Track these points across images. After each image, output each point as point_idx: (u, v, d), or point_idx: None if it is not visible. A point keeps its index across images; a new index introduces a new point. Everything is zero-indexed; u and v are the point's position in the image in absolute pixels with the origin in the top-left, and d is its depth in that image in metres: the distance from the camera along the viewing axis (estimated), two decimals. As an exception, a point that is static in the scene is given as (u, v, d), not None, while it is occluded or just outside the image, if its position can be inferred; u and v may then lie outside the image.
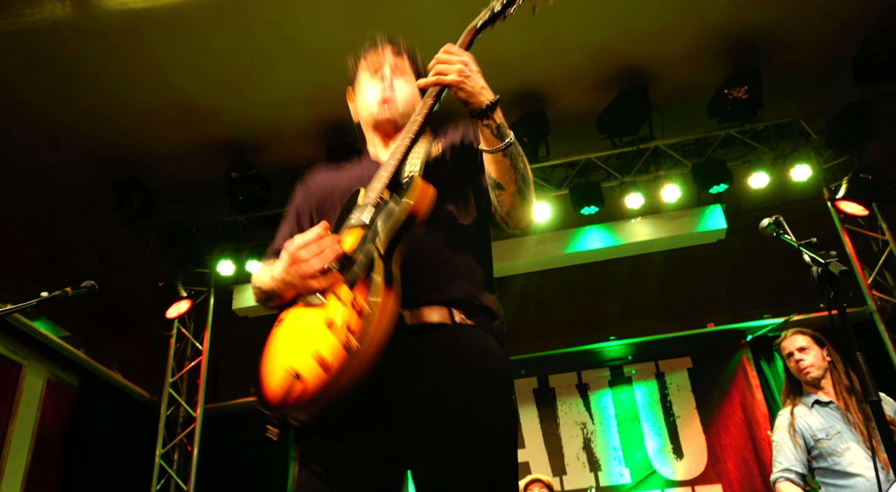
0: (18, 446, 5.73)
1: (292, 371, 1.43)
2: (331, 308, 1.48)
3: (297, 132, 6.14)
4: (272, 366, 1.51)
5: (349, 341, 1.39)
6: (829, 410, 3.29)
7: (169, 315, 6.44)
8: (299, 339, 1.51)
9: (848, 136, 5.80)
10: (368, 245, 1.54)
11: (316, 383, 1.40)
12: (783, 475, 3.27)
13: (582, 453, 6.47)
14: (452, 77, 1.66)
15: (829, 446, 3.19)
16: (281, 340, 1.56)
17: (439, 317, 1.63)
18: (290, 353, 1.50)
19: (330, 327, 1.44)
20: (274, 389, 1.46)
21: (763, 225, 2.43)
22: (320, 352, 1.41)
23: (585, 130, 6.17)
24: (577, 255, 6.50)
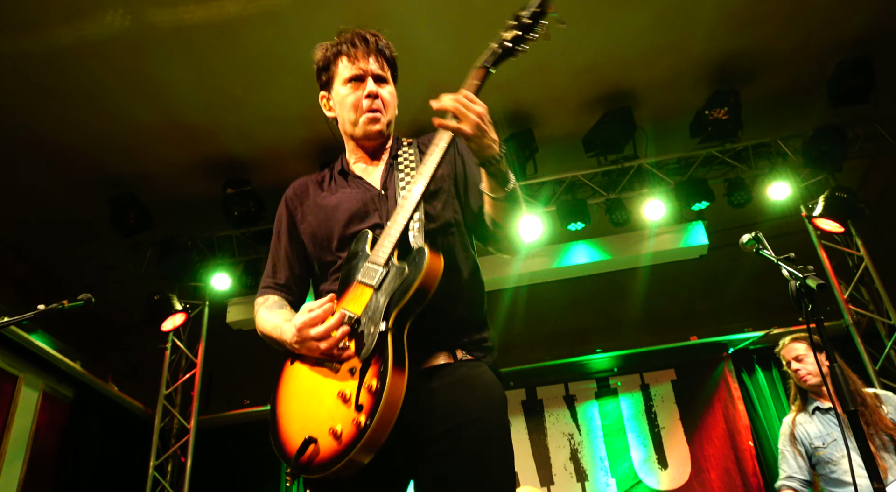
0: (13, 458, 5.77)
1: (309, 435, 1.56)
2: (343, 378, 1.58)
3: (292, 150, 6.27)
4: (288, 415, 1.65)
5: (359, 419, 1.49)
6: (829, 416, 3.32)
7: (164, 328, 6.52)
8: (314, 401, 1.61)
9: (824, 156, 6.01)
10: (378, 317, 1.58)
11: (328, 453, 1.52)
12: (785, 484, 3.33)
13: (569, 463, 6.59)
14: (469, 129, 1.66)
15: (825, 453, 3.25)
16: (295, 392, 1.67)
17: (444, 359, 1.72)
18: (306, 412, 1.62)
19: (343, 401, 1.55)
20: (291, 446, 1.59)
21: (743, 241, 2.52)
22: (334, 424, 1.53)
23: (572, 148, 6.35)
24: (564, 269, 6.65)
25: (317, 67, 2.03)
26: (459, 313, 1.77)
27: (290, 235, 1.97)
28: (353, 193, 1.89)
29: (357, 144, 1.98)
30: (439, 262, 1.63)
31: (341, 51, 1.96)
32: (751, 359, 6.64)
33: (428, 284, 1.61)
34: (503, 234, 1.83)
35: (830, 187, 6.05)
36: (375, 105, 1.92)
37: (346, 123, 1.95)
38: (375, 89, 1.92)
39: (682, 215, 6.47)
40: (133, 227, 6.31)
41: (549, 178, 6.51)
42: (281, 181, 6.46)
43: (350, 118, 1.92)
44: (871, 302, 6.10)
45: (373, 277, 1.65)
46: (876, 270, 6.02)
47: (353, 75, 1.93)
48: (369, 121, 1.90)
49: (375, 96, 1.92)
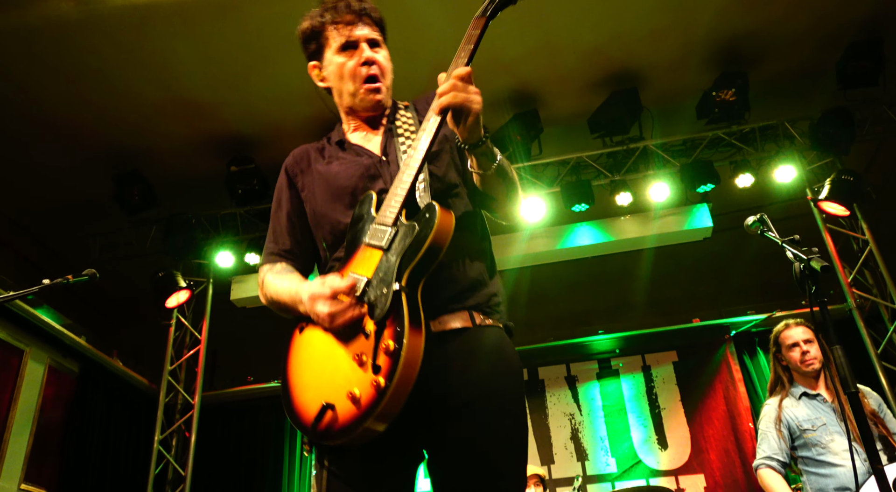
0: (20, 431, 5.85)
1: (325, 401, 1.52)
2: (359, 342, 1.53)
3: (296, 127, 6.26)
4: (302, 386, 1.60)
5: (378, 381, 1.44)
6: (817, 402, 3.36)
7: (168, 305, 6.56)
8: (329, 367, 1.56)
9: (831, 138, 5.97)
10: (391, 277, 1.53)
11: (347, 417, 1.47)
12: (765, 462, 3.36)
13: (570, 443, 6.65)
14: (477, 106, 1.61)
15: (814, 436, 3.28)
16: (308, 361, 1.62)
17: (461, 323, 1.65)
18: (321, 379, 1.57)
19: (360, 365, 1.50)
20: (307, 415, 1.55)
21: (748, 223, 2.50)
22: (351, 387, 1.48)
23: (577, 129, 6.32)
24: (567, 250, 6.66)
25: (303, 36, 1.93)
26: (473, 274, 1.72)
27: (291, 202, 1.92)
28: (353, 161, 1.84)
29: (356, 115, 1.92)
30: (450, 218, 1.59)
31: (328, 18, 1.87)
32: (753, 342, 6.66)
33: (440, 241, 1.56)
34: (497, 204, 1.81)
35: (837, 170, 6.01)
36: (373, 71, 1.84)
37: (344, 94, 1.88)
38: (372, 55, 1.85)
39: (687, 197, 6.45)
40: (137, 204, 6.34)
41: (553, 159, 6.49)
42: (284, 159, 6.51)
43: (349, 89, 1.85)
44: (874, 286, 6.10)
45: (381, 238, 1.60)
46: (880, 254, 6.00)
47: (346, 42, 1.84)
48: (369, 91, 1.84)
49: (372, 63, 1.84)
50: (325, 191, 1.82)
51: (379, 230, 1.62)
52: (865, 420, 2.10)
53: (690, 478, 6.28)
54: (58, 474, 6.18)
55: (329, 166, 1.86)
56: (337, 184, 1.80)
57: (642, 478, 6.30)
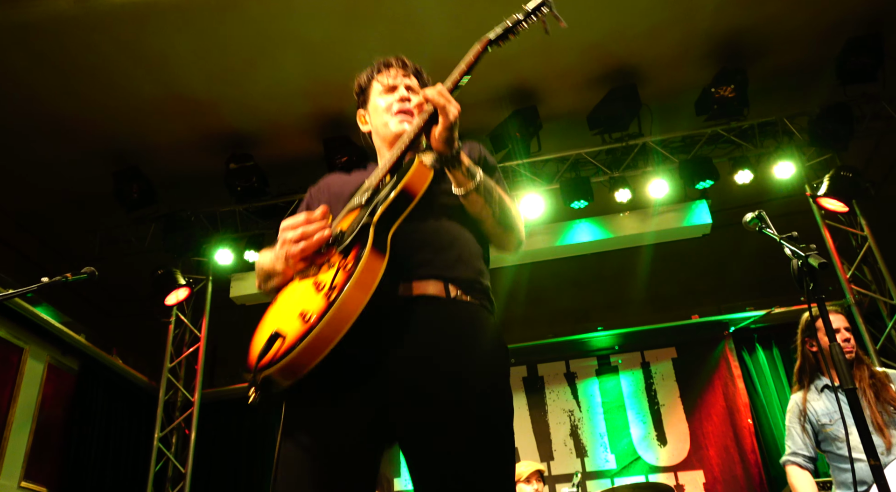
0: (20, 428, 5.86)
1: (276, 331, 1.45)
2: (321, 274, 1.54)
3: (295, 125, 6.26)
4: (259, 334, 1.55)
5: (330, 293, 1.41)
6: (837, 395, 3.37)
7: (168, 302, 6.56)
8: (287, 304, 1.55)
9: (830, 135, 5.97)
10: (362, 217, 1.59)
11: (294, 337, 1.39)
12: (790, 459, 3.34)
13: (569, 439, 6.66)
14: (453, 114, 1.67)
15: (832, 430, 3.25)
16: (271, 311, 1.61)
17: (435, 290, 1.63)
18: (278, 318, 1.53)
19: (317, 288, 1.48)
20: (256, 350, 1.48)
21: (746, 219, 2.50)
22: (304, 308, 1.44)
23: (576, 126, 6.32)
24: (566, 247, 6.66)
25: (356, 90, 2.12)
26: (454, 252, 1.72)
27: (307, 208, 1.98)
28: (367, 173, 1.92)
29: (388, 146, 1.99)
30: (426, 170, 1.65)
31: (377, 71, 2.08)
32: (752, 338, 6.67)
33: (413, 187, 1.62)
34: (487, 230, 1.83)
35: (836, 167, 6.02)
36: (406, 106, 1.97)
37: (378, 126, 2.00)
38: (407, 94, 1.99)
39: (686, 194, 6.45)
40: (137, 201, 6.33)
41: (552, 155, 6.49)
42: (283, 156, 6.53)
43: (382, 120, 1.98)
44: (873, 282, 6.11)
45: (361, 199, 1.69)
46: (879, 250, 6.01)
47: (388, 86, 2.02)
48: (400, 121, 1.95)
49: (406, 99, 1.98)
50: (337, 191, 1.93)
51: (361, 193, 1.72)
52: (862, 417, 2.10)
53: (689, 474, 6.30)
54: (58, 472, 6.19)
55: (348, 178, 2.00)
56: (343, 190, 1.92)
57: (641, 474, 6.31)
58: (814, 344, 3.47)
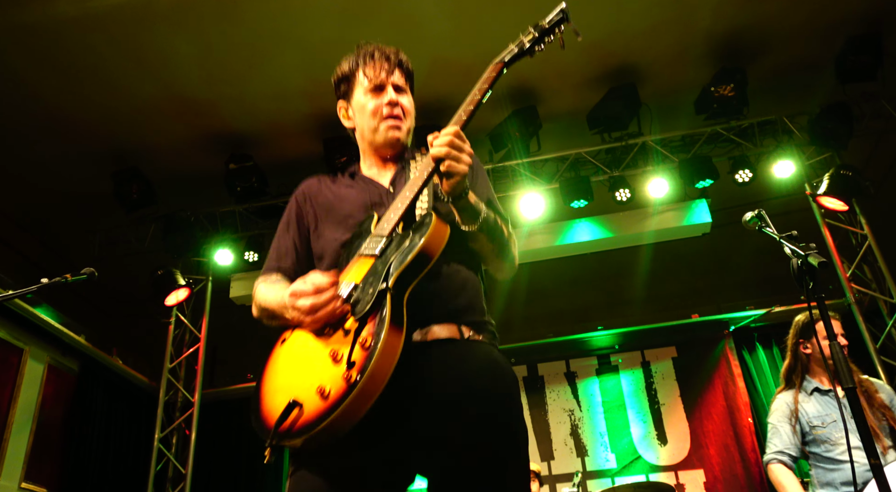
0: (20, 430, 5.86)
1: (292, 398, 1.45)
2: (336, 340, 1.50)
3: (294, 125, 6.26)
4: (272, 390, 1.54)
5: (350, 374, 1.40)
6: (828, 398, 3.33)
7: (167, 303, 6.56)
8: (302, 367, 1.53)
9: (830, 133, 5.97)
10: (379, 279, 1.54)
11: (313, 413, 1.41)
12: (776, 457, 3.34)
13: (569, 438, 6.66)
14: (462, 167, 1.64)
15: (823, 433, 3.26)
16: (283, 365, 1.58)
17: (448, 333, 1.64)
18: (292, 380, 1.52)
19: (334, 360, 1.46)
20: (271, 413, 1.48)
21: (746, 218, 2.50)
22: (322, 382, 1.43)
23: (576, 125, 6.32)
24: (566, 247, 6.66)
25: (336, 78, 2.05)
26: (465, 296, 1.73)
27: (297, 226, 1.97)
28: (361, 188, 1.92)
29: (375, 152, 1.99)
30: (445, 229, 1.62)
31: (361, 62, 1.99)
32: (752, 337, 6.67)
33: (432, 249, 1.58)
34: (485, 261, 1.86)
35: (835, 165, 6.02)
36: (396, 112, 1.94)
37: (365, 129, 1.97)
38: (396, 98, 1.94)
39: (686, 193, 6.45)
40: (136, 202, 6.33)
41: (552, 155, 6.49)
42: (283, 157, 6.53)
43: (371, 125, 1.94)
44: (873, 280, 6.11)
45: (375, 247, 1.64)
46: (879, 249, 6.01)
47: (374, 85, 1.95)
48: (390, 127, 1.93)
49: (396, 104, 1.94)
50: (328, 212, 1.90)
51: (374, 240, 1.67)
52: (863, 415, 2.10)
53: (690, 473, 6.30)
54: (58, 473, 6.19)
55: (338, 191, 1.95)
56: (340, 206, 1.89)
57: (642, 473, 6.31)
58: (808, 346, 3.48)
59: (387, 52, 1.99)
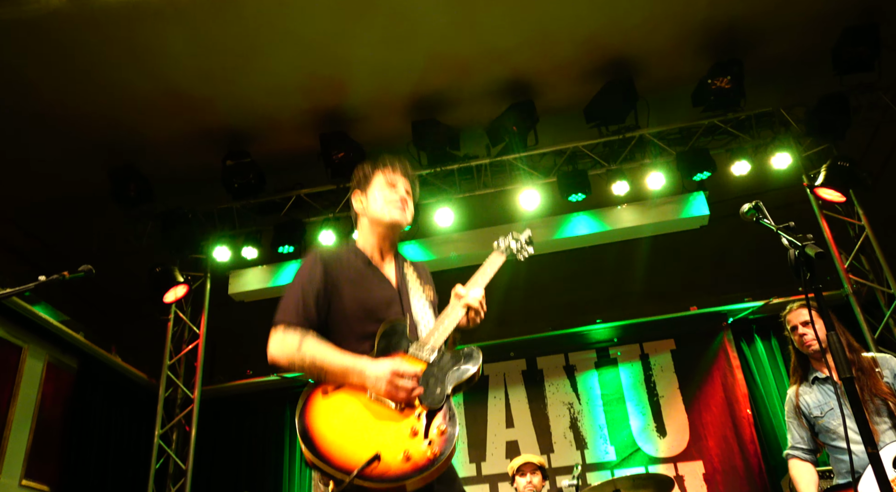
0: (20, 427, 5.86)
1: (376, 452, 1.91)
2: (413, 420, 2.02)
3: (291, 121, 6.25)
4: (348, 443, 1.95)
5: (434, 451, 1.96)
6: (826, 386, 3.35)
7: (166, 300, 6.56)
8: (379, 429, 1.99)
9: (827, 125, 5.97)
10: (439, 384, 2.12)
11: (396, 470, 1.90)
12: (791, 453, 3.40)
13: (569, 431, 6.68)
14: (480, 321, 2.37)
15: (823, 422, 3.29)
16: (352, 424, 2.01)
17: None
18: (371, 437, 1.97)
19: (413, 434, 1.99)
20: (352, 462, 1.90)
21: (743, 210, 2.50)
22: (407, 449, 1.94)
23: (573, 119, 6.31)
24: (564, 240, 6.66)
25: (361, 173, 2.55)
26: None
27: (324, 287, 2.29)
28: (379, 285, 2.38)
29: (379, 235, 2.46)
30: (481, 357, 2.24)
31: (381, 165, 2.53)
32: (750, 329, 6.69)
33: (477, 375, 2.20)
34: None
35: (833, 157, 6.02)
36: (406, 200, 2.49)
37: (376, 212, 2.44)
38: (406, 196, 2.50)
39: (684, 186, 6.46)
40: (134, 199, 6.32)
41: (549, 149, 6.49)
42: (280, 152, 6.52)
43: (383, 209, 2.43)
44: (871, 271, 6.12)
45: (426, 355, 2.18)
46: (877, 240, 6.02)
47: (390, 182, 2.49)
48: (398, 210, 2.44)
49: (405, 200, 2.49)
50: (357, 301, 2.30)
51: (425, 350, 2.19)
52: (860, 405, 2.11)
53: (689, 465, 6.32)
54: (59, 471, 6.19)
55: (362, 282, 2.36)
56: (370, 300, 2.31)
57: (641, 465, 6.33)
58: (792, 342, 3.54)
59: (402, 162, 2.55)
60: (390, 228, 2.44)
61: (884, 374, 3.32)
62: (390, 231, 2.46)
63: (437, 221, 6.47)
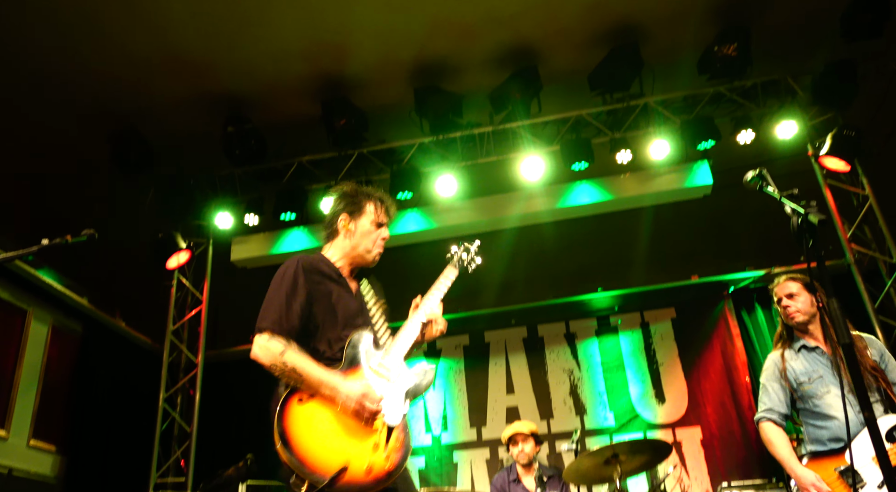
0: (26, 390, 5.94)
1: (345, 464, 2.22)
2: (374, 434, 2.33)
3: (293, 87, 6.20)
4: (321, 452, 2.24)
5: (388, 466, 2.30)
6: (815, 355, 3.38)
7: (169, 266, 6.58)
8: (347, 443, 2.29)
9: (833, 93, 5.91)
10: (399, 403, 2.44)
11: (359, 480, 2.23)
12: (766, 416, 3.42)
13: (569, 398, 6.76)
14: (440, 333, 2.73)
15: (810, 389, 3.32)
16: (326, 434, 2.29)
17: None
18: (339, 451, 2.26)
19: (375, 448, 2.30)
20: (324, 470, 2.20)
21: (747, 178, 2.50)
22: (371, 463, 2.27)
23: (577, 87, 6.25)
24: (567, 209, 6.65)
25: (354, 192, 2.83)
26: None
27: (306, 297, 2.53)
28: (350, 298, 2.67)
29: (354, 261, 2.76)
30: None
31: (377, 199, 2.81)
32: (751, 298, 6.71)
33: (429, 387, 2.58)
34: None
35: (838, 126, 5.97)
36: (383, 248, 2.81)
37: (360, 248, 2.74)
38: (387, 237, 2.82)
39: (688, 155, 6.42)
40: (134, 164, 6.29)
41: (553, 116, 6.44)
42: (281, 118, 6.47)
43: (367, 246, 2.74)
44: (873, 241, 6.11)
45: (388, 372, 2.49)
46: (880, 210, 6.00)
47: (382, 222, 2.80)
48: (379, 254, 2.78)
49: (385, 240, 2.81)
50: (331, 310, 2.57)
51: (384, 366, 2.50)
52: (860, 371, 2.13)
53: (687, 430, 6.40)
54: (66, 431, 6.29)
55: (340, 294, 2.64)
56: (341, 310, 2.60)
57: (640, 431, 6.39)
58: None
59: (393, 204, 2.87)
60: (366, 263, 2.77)
61: (871, 352, 3.36)
62: (366, 264, 2.78)
63: (439, 189, 6.46)
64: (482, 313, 7.07)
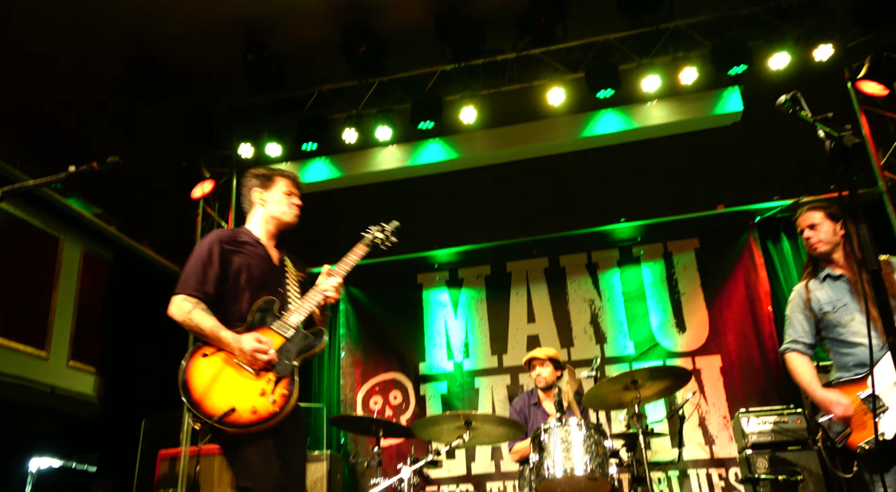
0: (63, 313, 6.16)
1: (231, 406, 2.59)
2: (262, 383, 2.68)
3: (312, 10, 6.05)
4: (213, 395, 2.63)
5: (275, 407, 2.65)
6: (840, 283, 3.37)
7: (194, 195, 6.64)
8: (237, 388, 2.65)
9: (875, 12, 5.64)
10: (290, 357, 2.78)
11: (246, 420, 2.61)
12: (791, 347, 3.43)
13: (589, 327, 6.82)
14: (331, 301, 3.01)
15: (834, 317, 3.31)
16: (218, 381, 2.66)
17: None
18: (229, 395, 2.63)
19: (262, 394, 2.66)
20: (213, 410, 2.60)
21: (780, 101, 2.42)
22: (255, 405, 2.63)
23: (603, 10, 6.02)
24: (591, 139, 6.54)
25: (266, 170, 3.19)
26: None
27: (221, 266, 2.86)
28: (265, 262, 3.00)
29: (274, 227, 3.08)
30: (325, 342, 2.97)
31: (286, 176, 3.16)
32: (777, 228, 6.61)
33: (320, 350, 2.93)
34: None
35: (878, 47, 5.72)
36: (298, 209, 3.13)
37: (277, 211, 3.08)
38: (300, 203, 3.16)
39: (718, 80, 6.21)
40: (156, 94, 6.27)
41: (577, 42, 6.25)
42: (302, 45, 6.36)
43: (283, 209, 3.08)
44: (907, 169, 5.95)
45: (286, 332, 2.84)
46: (917, 136, 5.82)
47: (292, 192, 3.14)
48: (295, 215, 3.11)
49: (301, 206, 3.14)
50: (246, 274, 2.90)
51: (284, 326, 2.86)
52: (886, 297, 2.11)
53: (707, 358, 6.45)
54: (102, 353, 6.54)
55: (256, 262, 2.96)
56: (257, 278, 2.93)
57: (660, 359, 6.48)
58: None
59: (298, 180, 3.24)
60: (285, 225, 3.09)
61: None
62: (282, 228, 3.09)
63: (463, 117, 6.37)
64: (504, 244, 7.08)
